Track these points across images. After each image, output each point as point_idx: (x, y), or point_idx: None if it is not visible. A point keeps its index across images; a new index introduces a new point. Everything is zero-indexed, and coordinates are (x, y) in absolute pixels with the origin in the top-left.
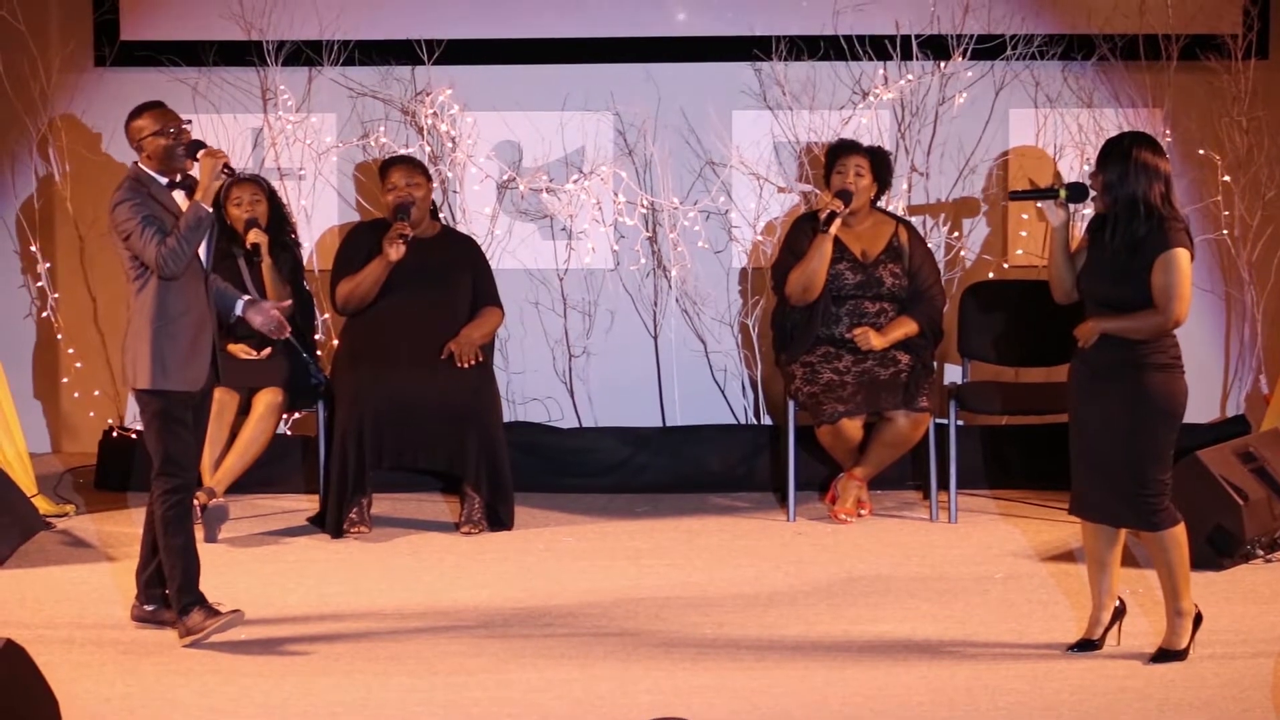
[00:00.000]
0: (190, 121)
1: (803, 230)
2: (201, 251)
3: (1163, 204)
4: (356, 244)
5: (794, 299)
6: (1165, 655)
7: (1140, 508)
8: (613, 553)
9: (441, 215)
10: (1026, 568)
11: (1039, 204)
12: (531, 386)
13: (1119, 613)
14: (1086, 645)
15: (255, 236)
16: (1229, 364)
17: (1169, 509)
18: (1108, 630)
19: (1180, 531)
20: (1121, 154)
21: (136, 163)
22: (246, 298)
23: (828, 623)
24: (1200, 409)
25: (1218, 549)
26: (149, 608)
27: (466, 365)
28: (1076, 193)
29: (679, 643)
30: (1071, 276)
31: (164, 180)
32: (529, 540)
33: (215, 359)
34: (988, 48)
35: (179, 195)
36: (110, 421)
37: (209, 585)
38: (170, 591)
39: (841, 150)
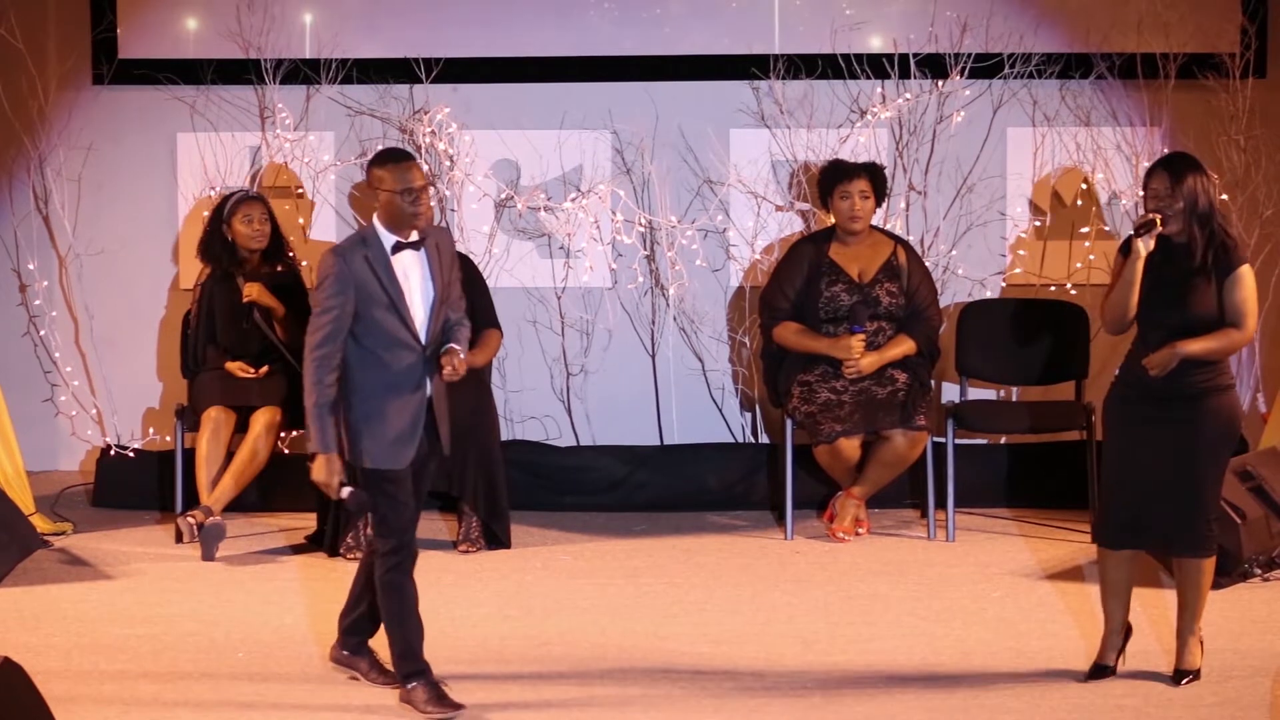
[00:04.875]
0: (434, 178)
1: (797, 256)
2: (421, 327)
3: (1223, 222)
4: None
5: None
6: (1189, 675)
7: (1198, 534)
8: (610, 571)
9: None
10: (1024, 586)
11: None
12: (529, 405)
13: (1126, 635)
14: (1102, 671)
15: (251, 293)
16: None
17: (1215, 534)
18: (1119, 654)
19: (1214, 556)
20: (1187, 176)
21: (376, 215)
22: (455, 347)
23: (825, 641)
24: None
25: (1216, 568)
26: (345, 652)
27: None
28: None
29: (676, 661)
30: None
31: (391, 242)
32: (526, 559)
33: (435, 428)
34: (986, 66)
35: (404, 256)
36: (108, 440)
37: (205, 605)
38: (392, 657)
39: (842, 174)
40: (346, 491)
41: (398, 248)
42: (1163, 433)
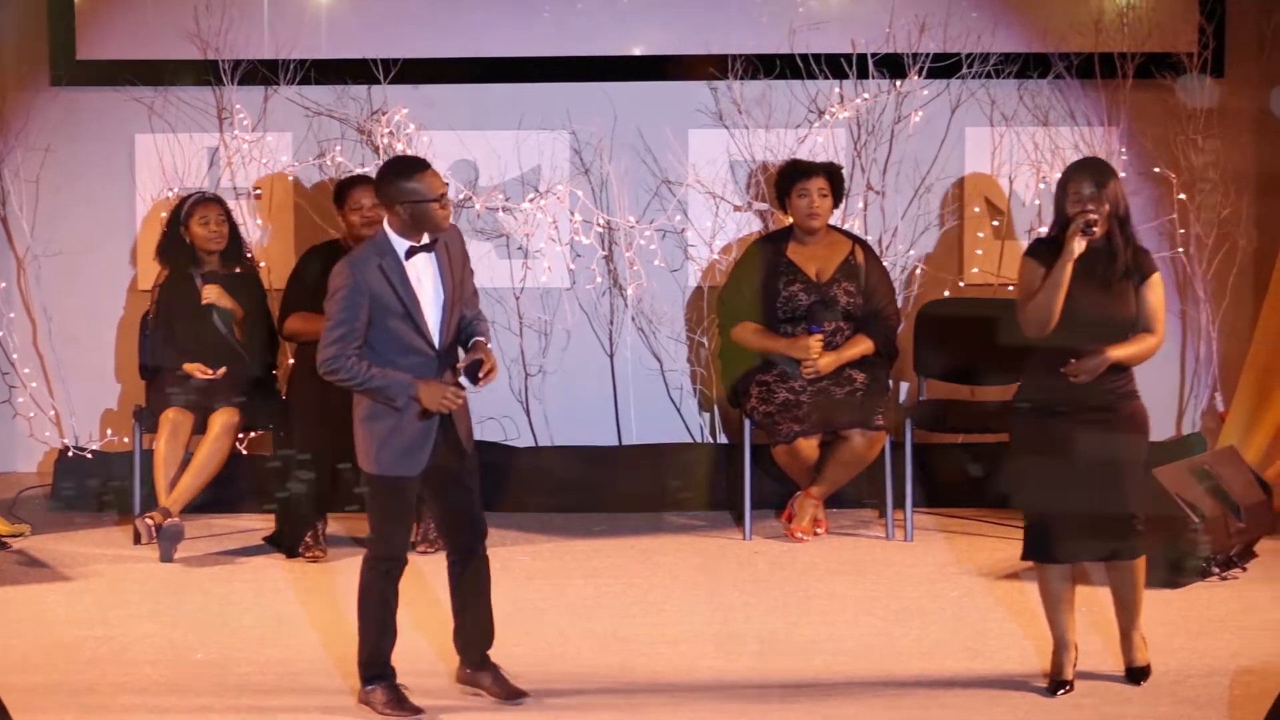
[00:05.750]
0: (448, 187)
1: (755, 255)
2: (434, 330)
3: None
4: (309, 271)
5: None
6: (1143, 673)
7: (1132, 535)
8: (569, 572)
9: None
10: (982, 586)
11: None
12: (488, 405)
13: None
14: (1060, 685)
15: (210, 296)
16: (1185, 382)
17: (1143, 535)
18: (1073, 666)
19: (1145, 555)
20: (1109, 180)
21: (387, 223)
22: (481, 339)
23: (783, 641)
24: (1156, 427)
25: (1174, 567)
26: (468, 670)
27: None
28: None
29: (634, 663)
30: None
31: (404, 247)
32: None
33: (454, 434)
34: (944, 66)
35: (418, 260)
36: (65, 441)
37: (163, 606)
38: (359, 658)
39: (800, 173)
40: (464, 379)
41: (411, 252)
42: (1081, 442)
